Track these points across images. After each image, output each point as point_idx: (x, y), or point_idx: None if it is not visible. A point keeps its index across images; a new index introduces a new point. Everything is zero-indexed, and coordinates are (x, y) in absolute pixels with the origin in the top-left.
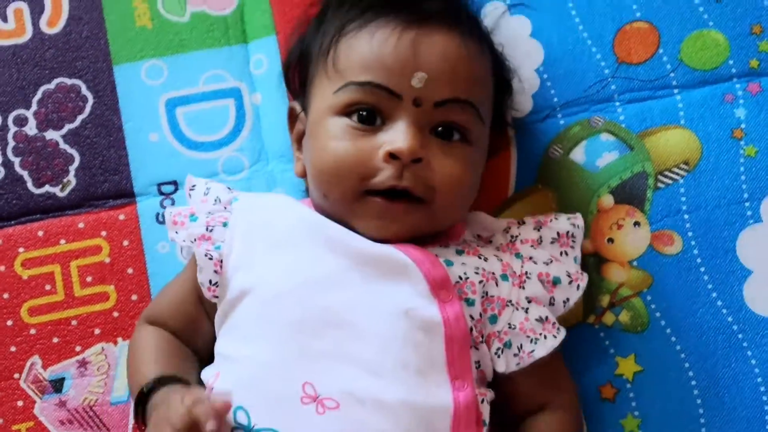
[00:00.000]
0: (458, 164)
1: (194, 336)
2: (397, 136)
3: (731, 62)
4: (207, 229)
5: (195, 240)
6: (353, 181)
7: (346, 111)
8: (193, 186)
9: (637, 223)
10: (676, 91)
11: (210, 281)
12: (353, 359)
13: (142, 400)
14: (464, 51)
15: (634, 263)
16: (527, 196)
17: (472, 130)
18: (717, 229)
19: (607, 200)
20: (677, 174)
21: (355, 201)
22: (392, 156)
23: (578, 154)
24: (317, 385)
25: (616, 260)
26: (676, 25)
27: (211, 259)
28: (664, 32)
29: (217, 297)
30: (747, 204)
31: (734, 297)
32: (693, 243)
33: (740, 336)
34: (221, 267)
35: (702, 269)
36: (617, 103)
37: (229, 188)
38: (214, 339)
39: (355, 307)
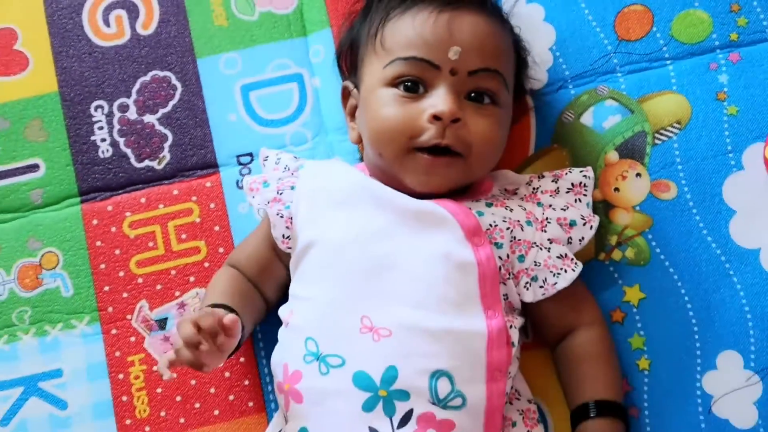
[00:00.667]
0: (490, 123)
1: (265, 278)
2: (438, 100)
3: (714, 36)
4: (278, 193)
5: (268, 202)
6: (404, 139)
7: (394, 82)
8: (266, 157)
9: (638, 174)
10: (668, 62)
11: (283, 235)
12: (402, 296)
13: None
14: (491, 29)
15: (637, 208)
16: (545, 154)
17: (499, 95)
18: (706, 176)
19: (613, 156)
20: (671, 132)
21: (405, 156)
22: (435, 117)
23: (587, 118)
24: (373, 317)
25: (621, 206)
26: (666, 6)
27: (282, 217)
28: (657, 13)
29: (290, 248)
30: (731, 155)
31: (721, 233)
32: (686, 189)
33: (727, 266)
34: (291, 223)
35: (694, 211)
36: (619, 74)
37: (296, 157)
38: (285, 282)
39: (402, 253)
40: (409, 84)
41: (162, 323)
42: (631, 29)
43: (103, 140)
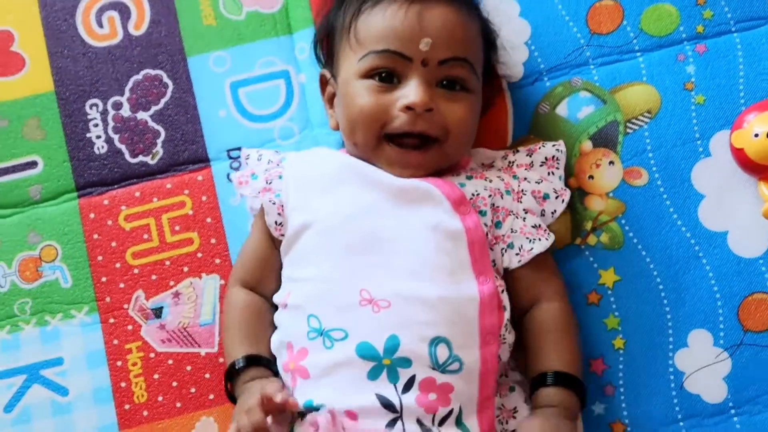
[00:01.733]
0: (462, 108)
1: (268, 273)
2: (410, 91)
3: (681, 29)
4: (267, 183)
5: (259, 192)
6: (376, 126)
7: (369, 74)
8: (248, 156)
9: (611, 162)
10: (638, 54)
11: (275, 222)
12: (397, 268)
13: (233, 372)
14: (459, 18)
15: (611, 194)
16: (522, 144)
17: (469, 81)
18: (675, 163)
19: (587, 145)
20: (642, 121)
21: (377, 146)
22: (408, 108)
23: (562, 109)
24: (371, 290)
25: (595, 192)
26: (636, 1)
27: (274, 204)
28: (627, 7)
29: (282, 235)
30: (699, 142)
31: (691, 217)
32: (657, 176)
33: (696, 248)
34: (282, 210)
35: (665, 196)
36: (591, 66)
37: (277, 151)
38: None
39: (393, 227)
40: (383, 75)
41: (158, 312)
42: (602, 23)
43: (99, 137)
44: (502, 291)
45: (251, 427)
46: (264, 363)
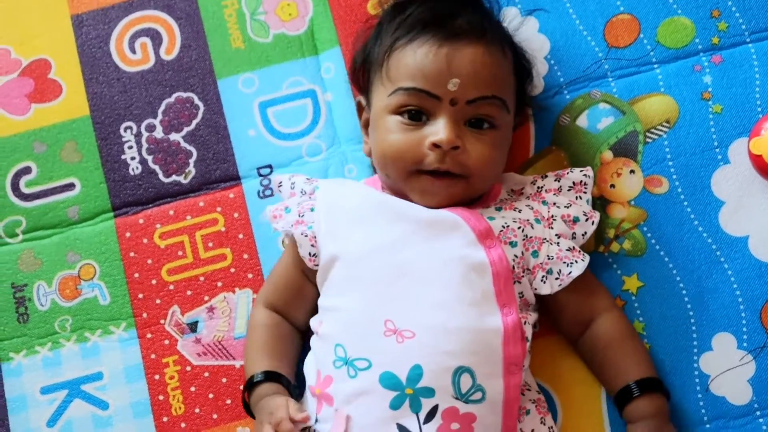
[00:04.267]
0: (488, 147)
1: (297, 303)
2: (438, 129)
3: (697, 40)
4: (299, 216)
5: (292, 225)
6: (407, 163)
7: (398, 111)
8: (280, 183)
9: (632, 171)
10: (655, 66)
11: (309, 253)
12: (422, 298)
13: (251, 384)
14: (488, 58)
15: (632, 202)
16: (544, 156)
17: (498, 118)
18: (695, 171)
19: (608, 155)
20: (661, 130)
21: (409, 177)
22: (435, 145)
23: (582, 121)
24: (396, 321)
25: (617, 201)
26: (652, 14)
27: (306, 236)
28: (643, 21)
29: (317, 265)
30: (717, 150)
31: (711, 223)
32: (677, 183)
33: (718, 253)
34: (315, 241)
35: (685, 203)
36: (610, 79)
37: (308, 179)
38: (316, 298)
39: (419, 259)
40: (412, 112)
41: (193, 326)
42: (619, 37)
43: (133, 158)
44: (525, 323)
45: None
46: (283, 382)
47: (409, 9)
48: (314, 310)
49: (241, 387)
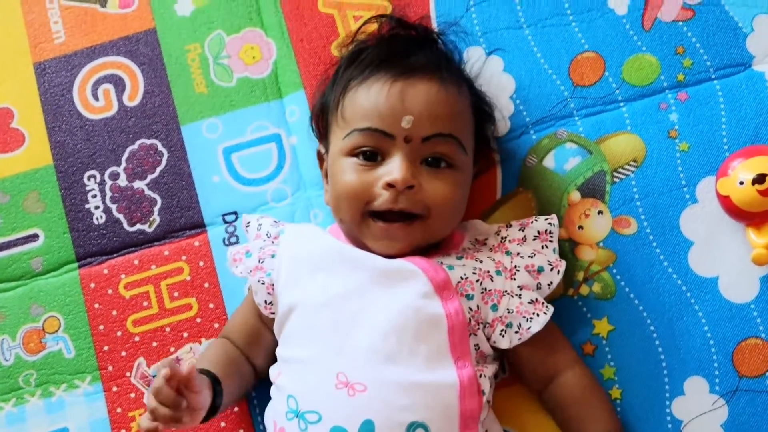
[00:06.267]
0: (446, 186)
1: (254, 347)
2: (392, 168)
3: (663, 77)
4: (259, 261)
5: (250, 271)
6: (359, 205)
7: (353, 152)
8: (248, 223)
9: (600, 212)
10: (621, 104)
11: (265, 301)
12: (375, 351)
13: None
14: (443, 94)
15: (601, 244)
16: (512, 198)
17: (455, 158)
18: (663, 211)
19: (575, 195)
20: (628, 170)
21: (362, 223)
22: (389, 185)
23: (549, 161)
24: (348, 373)
25: (586, 243)
26: (616, 52)
27: (263, 284)
28: (608, 59)
29: (273, 313)
30: (685, 189)
31: (681, 264)
32: (645, 224)
33: (688, 295)
34: (273, 290)
35: (654, 244)
36: (576, 118)
37: (275, 221)
38: (274, 348)
39: (376, 309)
40: (367, 153)
41: None
42: (584, 75)
43: (97, 207)
44: (481, 375)
45: (167, 409)
46: (210, 377)
47: (364, 52)
48: (274, 358)
49: None
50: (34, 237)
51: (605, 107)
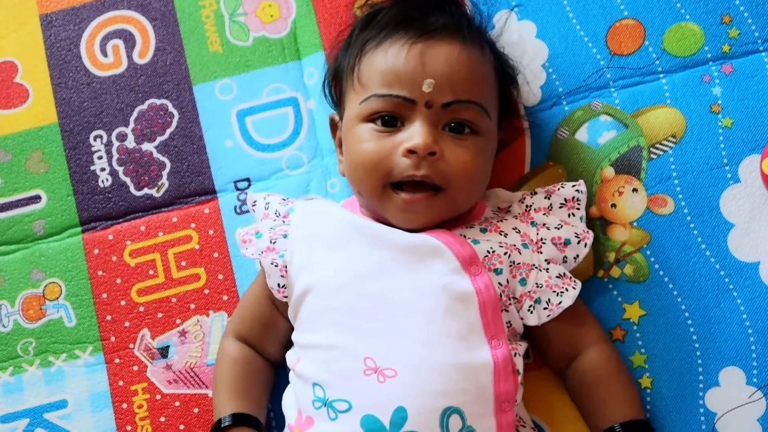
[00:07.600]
0: (469, 153)
1: (268, 336)
2: (413, 134)
3: (707, 48)
4: (271, 242)
5: (262, 252)
6: (379, 175)
7: (371, 118)
8: (255, 202)
9: (635, 190)
10: (661, 75)
11: (278, 284)
12: (404, 333)
13: (219, 429)
14: (464, 57)
15: (635, 224)
16: (541, 172)
17: (479, 124)
18: (702, 190)
19: (609, 171)
20: (666, 146)
21: (382, 195)
22: (410, 151)
23: (582, 134)
24: (376, 358)
25: (619, 222)
26: (658, 19)
27: (276, 266)
28: (648, 26)
29: (286, 297)
30: (727, 168)
31: (720, 247)
32: (683, 204)
33: (726, 280)
34: (286, 272)
35: (692, 225)
36: (612, 89)
37: (284, 199)
38: (289, 335)
39: (400, 289)
40: (386, 118)
41: (164, 351)
42: (623, 43)
43: (103, 170)
44: (516, 354)
45: None
46: (252, 423)
47: (380, 13)
48: (288, 343)
49: None
50: (36, 198)
51: (644, 78)
